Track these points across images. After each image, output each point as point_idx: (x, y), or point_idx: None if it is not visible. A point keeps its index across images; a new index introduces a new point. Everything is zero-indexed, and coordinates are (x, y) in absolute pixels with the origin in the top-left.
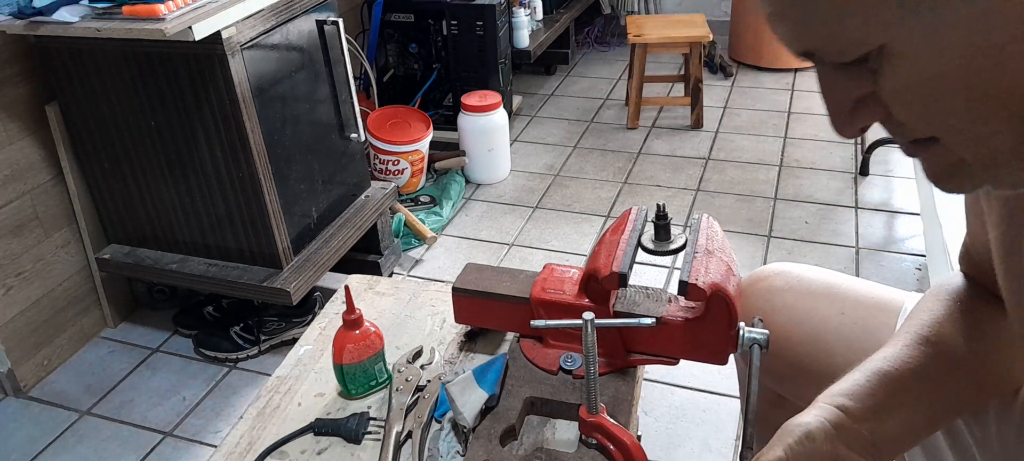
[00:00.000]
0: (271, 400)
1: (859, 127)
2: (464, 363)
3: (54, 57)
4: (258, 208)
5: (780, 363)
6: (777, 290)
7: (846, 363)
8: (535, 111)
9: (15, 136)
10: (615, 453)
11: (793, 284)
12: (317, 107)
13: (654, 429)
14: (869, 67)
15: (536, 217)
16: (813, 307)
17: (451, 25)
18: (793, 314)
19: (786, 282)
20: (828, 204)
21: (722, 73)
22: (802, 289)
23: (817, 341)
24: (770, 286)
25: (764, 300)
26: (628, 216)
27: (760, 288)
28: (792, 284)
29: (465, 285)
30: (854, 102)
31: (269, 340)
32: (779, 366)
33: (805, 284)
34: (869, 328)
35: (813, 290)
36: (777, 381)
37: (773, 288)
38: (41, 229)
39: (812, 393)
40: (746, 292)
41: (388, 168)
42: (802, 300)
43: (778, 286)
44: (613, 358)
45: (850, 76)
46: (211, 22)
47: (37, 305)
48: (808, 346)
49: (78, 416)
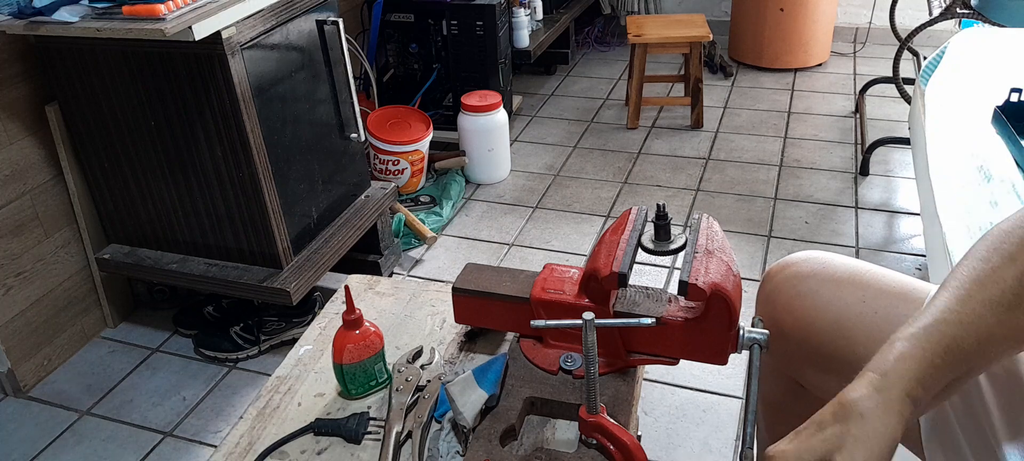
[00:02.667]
0: (271, 400)
1: None
2: (464, 363)
3: (54, 57)
4: (258, 208)
5: (802, 349)
6: (802, 276)
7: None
8: (535, 111)
9: (15, 136)
10: (615, 453)
11: (818, 270)
12: (317, 107)
13: (654, 429)
14: None
15: (536, 217)
16: (837, 294)
17: (451, 25)
18: (817, 300)
19: (811, 269)
20: (828, 204)
21: (722, 73)
22: (826, 276)
23: (839, 328)
24: (796, 272)
25: (790, 286)
26: (628, 216)
27: (787, 274)
28: (817, 271)
29: (465, 285)
30: None
31: (269, 340)
32: (801, 352)
33: (830, 271)
34: (891, 317)
35: (838, 277)
36: (798, 368)
37: (799, 274)
38: (41, 229)
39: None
40: (772, 279)
41: (388, 168)
42: (826, 287)
43: (804, 272)
44: (613, 358)
45: None
46: (211, 22)
47: (37, 305)
48: (830, 333)
49: (78, 416)
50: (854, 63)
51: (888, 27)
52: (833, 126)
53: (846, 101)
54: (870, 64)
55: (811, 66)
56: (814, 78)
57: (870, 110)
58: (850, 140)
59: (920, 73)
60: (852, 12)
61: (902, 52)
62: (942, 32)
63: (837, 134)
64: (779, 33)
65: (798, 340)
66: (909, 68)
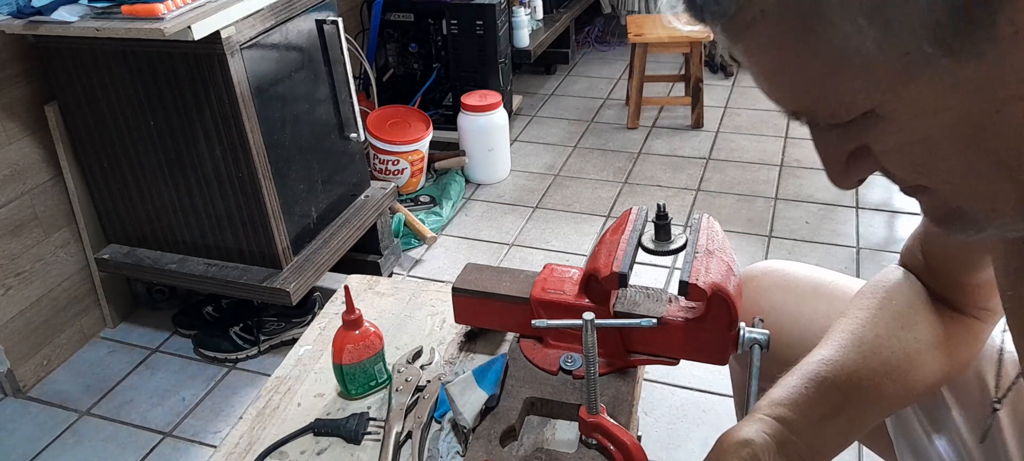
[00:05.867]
0: (271, 400)
1: (856, 180)
2: (464, 363)
3: (53, 57)
4: (258, 208)
5: (770, 362)
6: (764, 289)
7: None
8: (535, 111)
9: (15, 136)
10: (615, 453)
11: (780, 283)
12: (317, 107)
13: (654, 429)
14: (859, 125)
15: (536, 217)
16: (800, 306)
17: (451, 25)
18: (781, 313)
19: (773, 281)
20: (829, 204)
21: (722, 73)
22: (789, 287)
23: (804, 340)
24: (759, 285)
25: (752, 300)
26: (628, 216)
27: (750, 288)
28: (779, 283)
29: (465, 285)
30: (847, 156)
31: (269, 340)
32: (769, 365)
33: (792, 282)
34: None
35: (800, 288)
36: (767, 381)
37: (761, 287)
38: (41, 229)
39: None
40: None
41: (388, 168)
42: (789, 298)
43: (766, 285)
44: (613, 358)
45: (841, 134)
46: (210, 22)
47: (37, 305)
48: (795, 345)
49: (78, 416)
50: None
51: None
52: None
53: None
54: None
55: None
56: None
57: None
58: None
59: None
60: None
61: None
62: None
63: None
64: None
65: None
66: None
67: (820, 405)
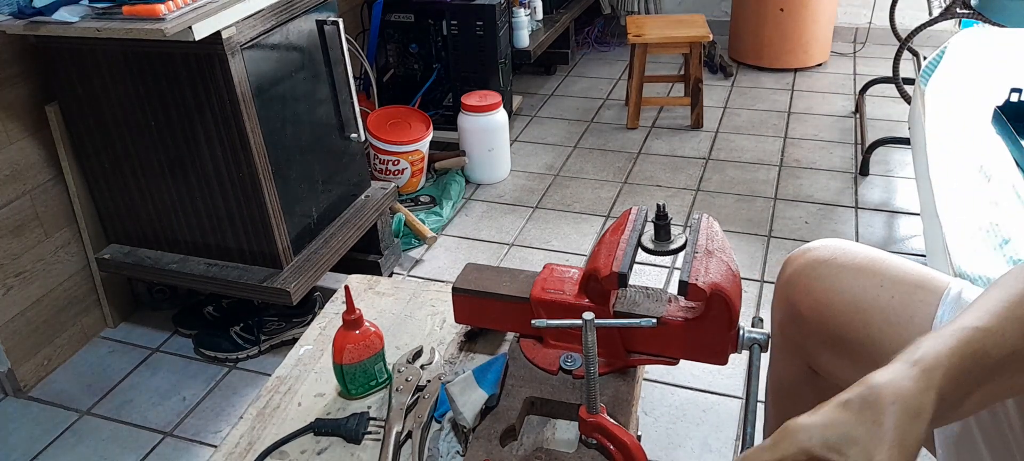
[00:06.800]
0: (271, 400)
1: None
2: (464, 363)
3: (54, 57)
4: (258, 208)
5: (819, 332)
6: (821, 261)
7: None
8: (535, 111)
9: (15, 136)
10: (615, 453)
11: (837, 256)
12: (317, 107)
13: (654, 429)
14: None
15: (536, 217)
16: (855, 279)
17: (451, 25)
18: (835, 284)
19: (830, 254)
20: (828, 204)
21: (722, 73)
22: (845, 261)
23: (856, 311)
24: (815, 257)
25: (809, 270)
26: (628, 216)
27: (806, 259)
28: (836, 256)
29: (465, 285)
30: None
31: (269, 340)
32: (817, 335)
33: (849, 257)
34: (908, 304)
35: (857, 263)
36: (814, 351)
37: (818, 259)
38: (41, 229)
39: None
40: (792, 264)
41: (388, 168)
42: (844, 272)
43: (822, 257)
44: (613, 358)
45: None
46: (211, 22)
47: (37, 305)
48: (847, 316)
49: (78, 416)
50: (854, 63)
51: (888, 27)
52: (833, 126)
53: (846, 101)
54: (870, 64)
55: (811, 66)
56: (814, 78)
57: (870, 110)
58: (850, 140)
59: (920, 73)
60: (852, 12)
61: (902, 52)
62: (942, 32)
63: (837, 134)
64: (779, 33)
65: (815, 323)
66: (909, 68)
67: (977, 383)
